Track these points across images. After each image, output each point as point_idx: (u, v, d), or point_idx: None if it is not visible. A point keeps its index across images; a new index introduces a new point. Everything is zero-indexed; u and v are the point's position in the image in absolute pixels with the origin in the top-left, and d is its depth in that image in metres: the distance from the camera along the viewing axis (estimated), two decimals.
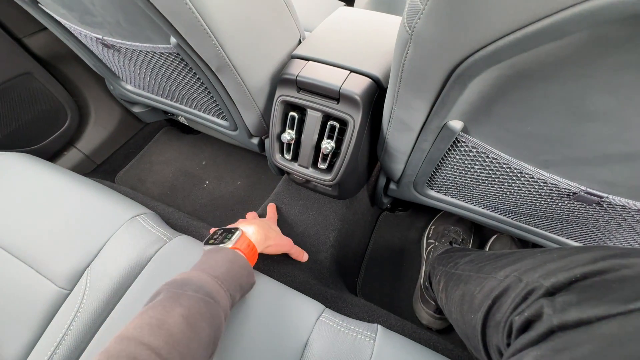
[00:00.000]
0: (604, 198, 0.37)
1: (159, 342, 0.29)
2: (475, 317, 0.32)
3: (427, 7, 0.25)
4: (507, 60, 0.25)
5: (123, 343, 0.29)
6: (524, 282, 0.27)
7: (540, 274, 0.26)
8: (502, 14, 0.22)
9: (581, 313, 0.21)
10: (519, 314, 0.25)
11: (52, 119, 0.83)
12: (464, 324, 0.35)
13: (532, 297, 0.25)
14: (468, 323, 0.34)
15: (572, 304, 0.22)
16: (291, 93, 0.52)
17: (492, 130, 0.37)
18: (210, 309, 0.34)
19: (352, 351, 0.38)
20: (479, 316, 0.31)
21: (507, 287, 0.29)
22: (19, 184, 0.54)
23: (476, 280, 0.35)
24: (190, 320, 0.32)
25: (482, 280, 0.33)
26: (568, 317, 0.21)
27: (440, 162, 0.50)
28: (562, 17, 0.20)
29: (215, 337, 0.34)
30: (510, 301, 0.27)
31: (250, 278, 0.43)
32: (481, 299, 0.32)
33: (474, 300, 0.33)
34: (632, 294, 0.20)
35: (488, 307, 0.30)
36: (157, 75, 0.60)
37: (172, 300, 0.33)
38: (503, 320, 0.27)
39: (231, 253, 0.43)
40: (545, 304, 0.23)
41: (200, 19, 0.37)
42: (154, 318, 0.31)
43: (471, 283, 0.36)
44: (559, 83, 0.26)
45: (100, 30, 0.51)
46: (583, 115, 0.28)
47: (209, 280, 0.37)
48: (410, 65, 0.33)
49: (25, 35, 0.73)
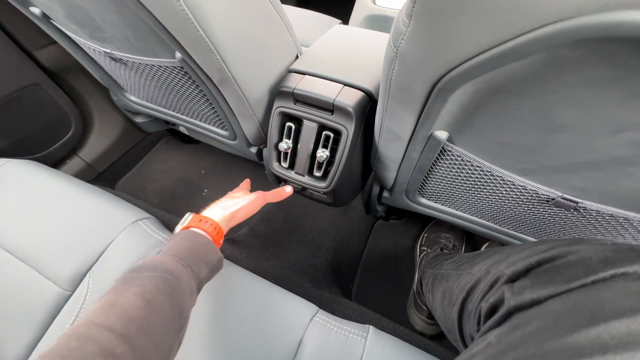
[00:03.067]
0: (579, 203, 0.40)
1: (112, 320, 0.28)
2: (452, 310, 0.34)
3: (409, 29, 0.28)
4: (480, 77, 0.28)
5: (74, 328, 0.28)
6: (491, 274, 0.30)
7: (505, 265, 0.29)
8: (471, 37, 0.25)
9: (533, 294, 0.24)
10: (486, 301, 0.27)
11: (57, 127, 0.86)
12: (445, 318, 0.37)
13: (497, 285, 0.28)
14: (448, 317, 0.36)
15: (527, 287, 0.25)
16: (288, 105, 0.55)
17: (474, 140, 0.40)
18: (170, 283, 0.34)
19: (344, 349, 0.40)
20: (455, 309, 0.33)
21: (478, 279, 0.31)
22: (24, 189, 0.56)
23: (455, 277, 0.37)
24: (147, 296, 0.31)
25: (459, 277, 0.36)
26: (523, 299, 0.24)
27: (429, 171, 0.53)
28: (521, 40, 0.23)
29: (180, 311, 0.33)
30: (479, 292, 0.30)
31: (214, 254, 0.42)
32: (457, 292, 0.34)
33: (452, 295, 0.35)
34: (574, 276, 0.23)
35: (462, 299, 0.32)
36: (161, 87, 0.63)
37: (125, 282, 0.33)
38: (474, 309, 0.30)
39: (188, 233, 0.43)
40: (506, 289, 0.26)
41: (205, 36, 0.40)
42: (106, 302, 0.30)
43: (451, 280, 0.38)
44: (528, 97, 0.29)
45: (109, 45, 0.54)
46: (552, 126, 0.31)
47: (167, 260, 0.37)
48: (396, 80, 0.36)
49: (36, 48, 0.76)
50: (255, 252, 0.65)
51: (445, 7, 0.24)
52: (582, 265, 0.24)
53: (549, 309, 0.22)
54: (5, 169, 0.58)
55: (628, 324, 0.19)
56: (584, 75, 0.24)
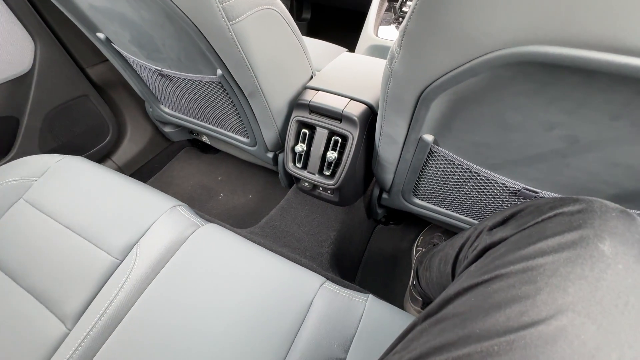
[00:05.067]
0: (538, 193, 0.50)
1: None
2: (448, 267, 0.43)
3: (399, 55, 0.40)
4: (450, 89, 0.39)
5: None
6: (477, 230, 0.39)
7: (488, 221, 0.39)
8: (442, 60, 0.36)
9: (503, 234, 0.33)
10: (474, 248, 0.37)
11: (97, 134, 0.98)
12: (441, 277, 0.46)
13: (481, 235, 0.37)
14: (444, 274, 0.45)
15: (500, 230, 0.34)
16: (304, 114, 0.67)
17: (453, 141, 0.51)
18: None
19: (347, 309, 0.48)
20: (450, 264, 0.42)
21: (468, 236, 0.41)
22: (79, 179, 0.67)
23: (449, 244, 0.47)
24: None
25: (453, 242, 0.45)
26: (495, 238, 0.33)
27: (421, 171, 0.63)
28: (472, 63, 0.34)
29: None
30: (469, 244, 0.39)
31: None
32: (451, 252, 0.43)
33: (447, 256, 0.45)
34: (531, 219, 0.32)
35: (456, 254, 0.42)
36: (197, 100, 0.75)
37: None
38: (464, 257, 0.39)
39: None
40: (485, 234, 0.36)
41: (245, 58, 0.53)
42: None
43: (446, 248, 0.47)
44: (486, 104, 0.40)
45: (161, 64, 0.67)
46: (506, 126, 0.42)
47: None
48: (392, 92, 0.47)
49: (88, 65, 0.90)
50: (270, 240, 0.74)
51: (423, 40, 0.36)
52: (537, 211, 0.33)
53: (511, 240, 0.32)
54: (64, 162, 0.69)
55: (559, 239, 0.28)
56: (518, 88, 0.35)
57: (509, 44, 0.31)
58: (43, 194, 0.64)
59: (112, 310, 0.51)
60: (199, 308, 0.50)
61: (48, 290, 0.54)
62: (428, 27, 0.34)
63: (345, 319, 0.47)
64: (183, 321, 0.49)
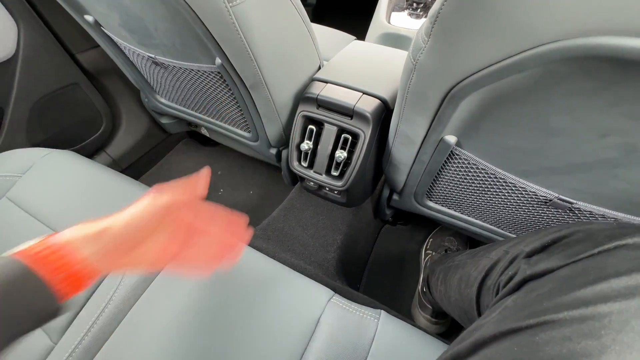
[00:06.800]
0: (574, 204, 0.44)
1: None
2: (471, 290, 0.38)
3: (427, 45, 0.34)
4: (488, 86, 0.34)
5: None
6: (510, 253, 0.34)
7: (523, 244, 0.33)
8: (481, 53, 0.30)
9: (547, 264, 0.28)
10: (505, 274, 0.32)
11: (90, 125, 0.93)
12: (462, 300, 0.41)
13: (515, 261, 0.32)
14: (465, 297, 0.40)
15: (542, 260, 0.29)
16: (311, 109, 0.61)
17: (480, 144, 0.45)
18: None
19: (358, 328, 0.44)
20: (474, 288, 0.37)
21: (497, 260, 0.36)
22: (66, 175, 0.62)
23: (472, 263, 0.41)
24: None
25: (477, 262, 0.40)
26: (537, 269, 0.28)
27: (438, 174, 0.58)
28: (522, 56, 0.28)
29: None
30: (499, 269, 0.34)
31: (49, 303, 0.24)
32: (476, 275, 0.38)
33: (470, 278, 0.40)
34: (583, 249, 0.27)
35: (482, 278, 0.37)
36: (194, 90, 0.69)
37: None
38: (493, 284, 0.34)
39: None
40: (523, 262, 0.31)
41: (247, 45, 0.47)
42: None
43: (467, 267, 0.42)
44: (528, 104, 0.34)
45: (154, 51, 0.61)
46: (549, 130, 0.36)
47: None
48: (413, 88, 0.41)
49: (78, 51, 0.83)
50: (273, 244, 0.69)
51: (460, 28, 0.30)
52: (590, 240, 0.28)
53: (560, 274, 0.27)
54: (50, 157, 0.64)
55: (626, 280, 0.23)
56: (573, 87, 0.29)
57: (573, 34, 0.25)
58: (27, 192, 0.59)
59: (101, 324, 0.46)
60: (195, 323, 0.45)
61: None
62: (468, 11, 0.28)
63: (356, 340, 0.43)
64: (177, 338, 0.44)
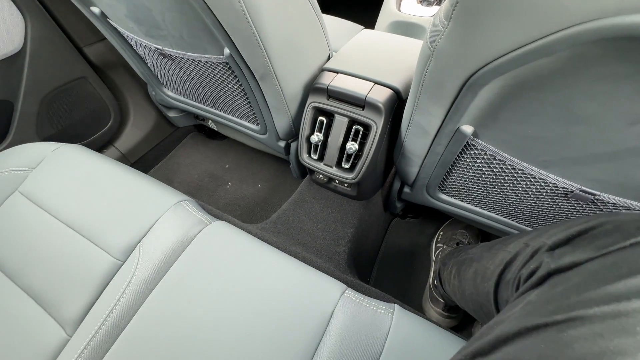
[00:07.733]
0: (597, 196, 0.43)
1: None
2: (488, 284, 0.37)
3: (447, 30, 0.33)
4: (510, 72, 0.32)
5: None
6: (530, 246, 0.33)
7: (545, 237, 0.32)
8: (505, 36, 0.29)
9: (573, 258, 0.27)
10: (527, 268, 0.30)
11: (98, 119, 0.93)
12: (478, 294, 0.40)
13: (538, 254, 0.30)
14: (481, 291, 0.39)
15: (567, 253, 0.28)
16: (322, 100, 0.60)
17: (498, 134, 0.44)
18: None
19: (373, 322, 0.43)
20: (492, 282, 0.36)
21: (516, 253, 0.34)
22: (78, 170, 0.62)
23: (488, 257, 0.40)
24: None
25: (494, 255, 0.39)
26: (563, 262, 0.27)
27: (452, 166, 0.56)
28: (550, 39, 0.26)
29: None
30: (519, 262, 0.32)
31: None
32: (493, 268, 0.37)
33: (486, 271, 0.38)
34: (612, 241, 0.26)
35: (500, 272, 0.35)
36: (202, 82, 0.68)
37: None
38: (512, 277, 0.32)
39: None
40: (546, 255, 0.29)
41: (256, 33, 0.45)
42: None
43: (483, 260, 0.41)
44: (551, 91, 0.33)
45: (162, 42, 0.60)
46: (572, 118, 0.34)
47: None
48: (430, 76, 0.40)
49: (86, 45, 0.83)
50: (283, 237, 0.69)
51: (483, 10, 0.28)
52: (619, 231, 0.27)
53: (588, 268, 0.25)
54: (61, 151, 0.64)
55: None
56: (604, 70, 0.28)
57: (606, 13, 0.23)
58: (39, 186, 0.59)
59: (114, 317, 0.47)
60: (207, 318, 0.45)
61: (46, 291, 0.50)
62: None
63: (371, 335, 0.42)
64: (189, 332, 0.44)
